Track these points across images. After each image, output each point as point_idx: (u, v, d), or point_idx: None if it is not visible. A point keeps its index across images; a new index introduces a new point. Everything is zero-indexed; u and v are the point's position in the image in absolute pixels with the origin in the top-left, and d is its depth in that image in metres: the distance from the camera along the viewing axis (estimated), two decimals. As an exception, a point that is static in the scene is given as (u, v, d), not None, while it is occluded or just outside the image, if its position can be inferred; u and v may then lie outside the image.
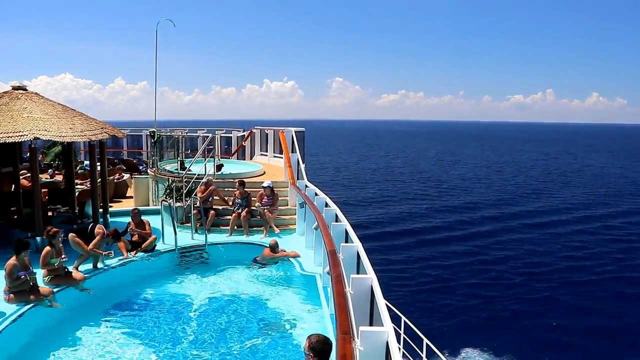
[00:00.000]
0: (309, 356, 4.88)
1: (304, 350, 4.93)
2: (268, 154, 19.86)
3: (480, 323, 18.26)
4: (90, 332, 8.42)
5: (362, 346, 4.13)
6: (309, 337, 4.97)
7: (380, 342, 4.13)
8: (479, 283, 22.43)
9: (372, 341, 4.13)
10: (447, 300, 20.43)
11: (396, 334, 4.55)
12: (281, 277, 11.01)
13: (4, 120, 10.85)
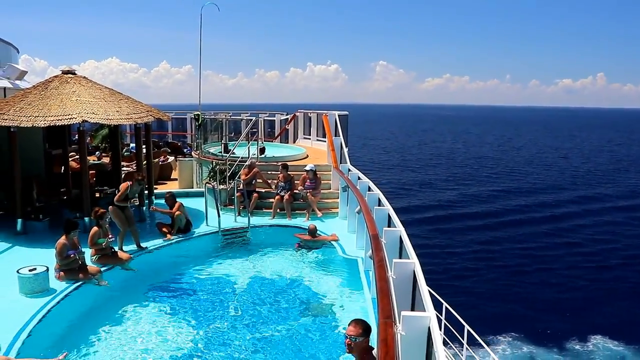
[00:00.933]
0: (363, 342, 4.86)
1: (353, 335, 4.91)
2: (311, 137, 19.85)
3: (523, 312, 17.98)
4: (134, 310, 8.62)
5: (404, 331, 4.09)
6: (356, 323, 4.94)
7: (422, 327, 4.08)
8: (525, 271, 22.01)
9: (413, 326, 4.09)
10: (491, 287, 20.18)
11: (437, 319, 4.49)
12: (323, 261, 11.03)
13: (54, 103, 11.12)
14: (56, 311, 7.76)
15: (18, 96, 11.68)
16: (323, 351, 7.38)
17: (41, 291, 8.20)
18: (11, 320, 7.23)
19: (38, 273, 8.27)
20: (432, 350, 3.87)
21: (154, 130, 17.46)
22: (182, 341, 7.60)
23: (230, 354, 7.29)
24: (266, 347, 7.46)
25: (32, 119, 10.68)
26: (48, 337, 7.16)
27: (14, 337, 6.81)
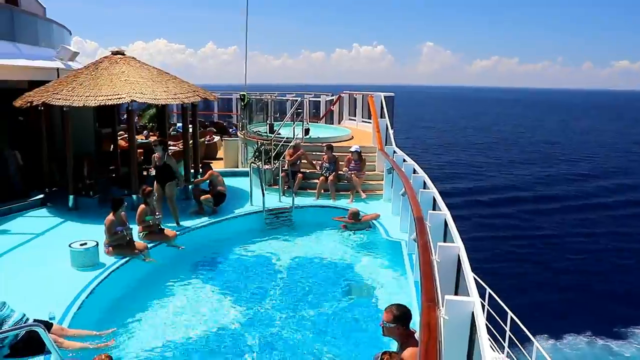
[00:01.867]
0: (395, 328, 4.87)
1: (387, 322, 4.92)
2: (356, 118, 19.74)
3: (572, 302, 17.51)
4: (179, 286, 8.82)
5: (447, 315, 4.05)
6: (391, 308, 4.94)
7: (466, 312, 4.03)
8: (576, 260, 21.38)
9: (457, 310, 4.04)
10: (537, 275, 19.73)
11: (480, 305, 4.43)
12: (366, 243, 11.01)
13: (104, 83, 11.37)
14: (105, 285, 8.00)
15: (70, 77, 12.00)
16: (363, 333, 7.38)
17: (91, 265, 8.47)
18: (64, 292, 7.48)
19: (88, 248, 8.53)
20: (476, 336, 3.82)
21: (200, 110, 17.65)
22: (225, 318, 7.74)
23: (271, 332, 7.37)
24: (307, 327, 7.51)
25: (83, 99, 10.95)
26: (97, 309, 7.40)
27: (67, 308, 7.06)
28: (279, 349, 6.93)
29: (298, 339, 7.21)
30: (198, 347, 6.94)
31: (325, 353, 6.85)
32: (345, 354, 6.85)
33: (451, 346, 4.07)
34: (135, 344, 6.91)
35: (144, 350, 6.77)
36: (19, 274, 8.28)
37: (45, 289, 7.69)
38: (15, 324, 6.00)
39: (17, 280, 7.92)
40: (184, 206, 12.01)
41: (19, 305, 6.30)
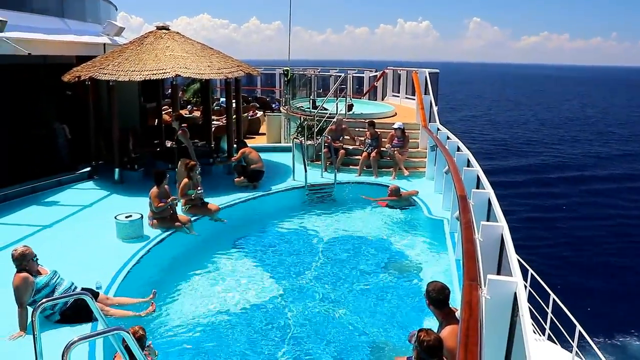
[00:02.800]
0: (427, 304, 4.86)
1: (425, 296, 4.91)
2: (400, 95, 19.50)
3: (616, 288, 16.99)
4: (220, 260, 8.96)
5: (489, 294, 3.98)
6: (428, 285, 4.93)
7: (508, 292, 3.95)
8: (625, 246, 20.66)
9: (499, 290, 3.97)
10: (581, 259, 19.23)
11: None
12: (408, 220, 10.93)
13: (149, 58, 11.49)
14: (149, 256, 8.18)
15: (116, 52, 12.17)
16: (403, 310, 7.38)
17: (136, 237, 8.65)
18: (110, 263, 7.69)
19: (133, 220, 8.71)
20: (517, 317, 3.76)
21: (244, 85, 17.71)
22: (264, 292, 7.83)
23: (310, 307, 7.43)
24: (346, 303, 7.55)
25: (128, 74, 11.11)
26: (141, 280, 7.57)
27: (112, 278, 7.25)
28: (317, 324, 6.98)
29: (337, 314, 7.25)
30: (237, 320, 7.05)
31: (364, 329, 6.88)
32: (384, 331, 6.86)
33: (492, 326, 4.01)
34: (176, 314, 7.07)
35: (184, 322, 6.91)
36: (68, 244, 8.53)
37: (92, 259, 7.91)
38: (64, 292, 6.20)
39: (65, 251, 8.16)
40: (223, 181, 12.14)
41: (67, 275, 6.50)
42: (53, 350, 4.29)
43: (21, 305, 5.92)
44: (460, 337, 3.31)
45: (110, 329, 4.39)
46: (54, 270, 6.37)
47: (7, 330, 5.89)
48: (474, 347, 3.18)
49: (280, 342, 6.53)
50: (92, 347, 5.50)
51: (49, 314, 6.06)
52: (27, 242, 7.65)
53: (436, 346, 4.16)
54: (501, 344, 4.03)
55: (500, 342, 4.03)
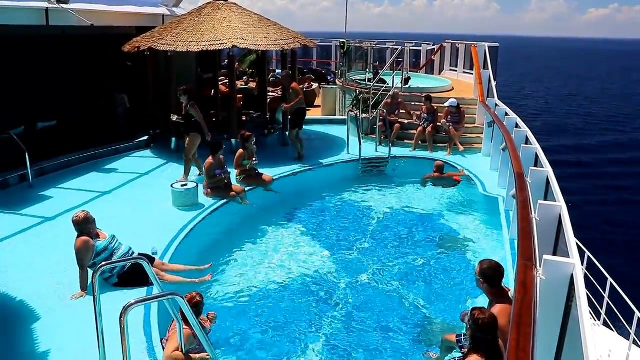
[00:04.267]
0: (479, 281, 4.78)
1: (476, 275, 4.83)
2: (457, 69, 19.07)
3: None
4: (272, 230, 9.07)
5: (544, 275, 3.89)
6: (481, 262, 4.85)
7: (565, 274, 3.85)
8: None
9: (555, 272, 3.87)
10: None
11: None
12: (462, 196, 10.79)
13: (207, 29, 11.58)
14: (203, 225, 8.35)
15: (175, 22, 12.32)
16: (453, 288, 7.32)
17: (191, 205, 8.83)
18: (166, 230, 7.89)
19: (189, 188, 8.89)
20: (574, 300, 3.66)
21: (300, 57, 17.69)
22: (315, 264, 7.90)
23: (361, 280, 7.46)
24: (397, 278, 7.54)
25: (186, 44, 11.23)
26: (194, 248, 7.75)
27: (168, 245, 7.43)
28: (367, 297, 7.01)
29: (387, 288, 7.27)
30: (287, 290, 7.15)
31: (413, 304, 6.86)
32: (434, 307, 6.82)
33: (546, 308, 3.92)
34: (228, 283, 7.22)
35: (236, 290, 7.07)
36: (125, 210, 8.79)
37: (149, 225, 8.13)
38: (122, 256, 6.40)
39: (123, 216, 8.41)
40: (278, 152, 12.22)
41: (125, 239, 6.70)
42: (111, 311, 4.44)
43: (82, 267, 6.16)
44: (513, 317, 3.26)
45: (165, 293, 4.52)
46: (113, 235, 6.58)
47: (69, 290, 6.15)
48: (527, 328, 3.12)
49: (330, 315, 6.59)
50: (147, 311, 5.68)
51: (107, 277, 6.28)
52: (88, 207, 7.93)
53: (492, 324, 4.10)
54: (555, 327, 3.94)
55: (554, 324, 3.95)
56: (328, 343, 5.99)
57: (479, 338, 4.16)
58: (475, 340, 4.22)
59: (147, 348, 5.09)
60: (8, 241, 7.60)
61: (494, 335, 4.13)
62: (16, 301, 6.03)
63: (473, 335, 4.21)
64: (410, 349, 5.95)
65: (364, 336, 6.16)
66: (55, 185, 9.96)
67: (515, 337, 3.05)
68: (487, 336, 4.11)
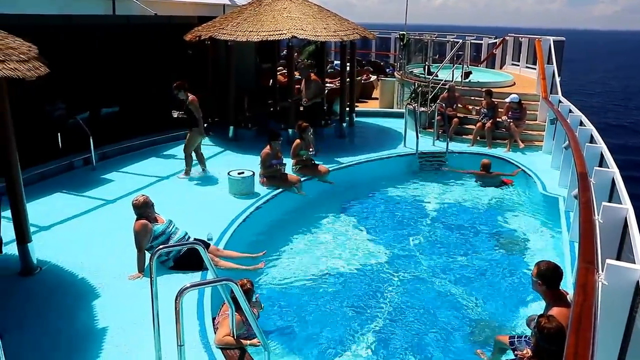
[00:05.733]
0: (536, 283, 4.64)
1: (532, 276, 4.69)
2: (520, 64, 18.57)
3: None
4: (327, 221, 9.09)
5: (606, 280, 3.74)
6: (539, 263, 4.71)
7: (629, 281, 3.68)
8: None
9: (619, 277, 3.70)
10: None
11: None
12: (520, 195, 10.54)
13: (267, 19, 11.67)
14: (258, 213, 8.45)
15: (235, 12, 12.48)
16: (508, 288, 7.15)
17: (247, 193, 8.95)
18: (221, 216, 8.02)
19: (245, 177, 9.01)
20: (639, 310, 3.51)
21: (358, 48, 17.55)
22: (368, 258, 7.86)
23: (413, 275, 7.39)
24: (450, 275, 7.42)
25: (246, 34, 11.35)
26: (249, 236, 7.85)
27: (223, 231, 7.57)
28: (419, 294, 6.93)
29: (440, 285, 7.17)
30: (338, 283, 7.14)
31: (466, 303, 6.74)
32: (487, 307, 6.69)
33: (608, 315, 3.76)
34: (279, 271, 7.28)
35: (287, 279, 7.12)
36: (183, 195, 9.00)
37: (205, 211, 8.29)
38: (179, 240, 6.54)
39: (180, 202, 8.61)
40: (334, 143, 12.22)
41: (181, 224, 6.85)
42: (166, 293, 4.56)
43: (140, 249, 6.34)
44: (572, 321, 3.15)
45: (220, 278, 4.60)
46: (170, 220, 6.73)
47: (127, 271, 6.35)
48: (586, 333, 3.01)
49: (380, 309, 6.55)
50: (200, 295, 5.80)
51: (163, 260, 6.43)
52: (146, 191, 8.15)
53: (557, 335, 3.97)
54: (616, 335, 3.78)
55: (615, 333, 3.78)
56: (378, 337, 5.96)
57: (542, 347, 4.05)
58: (538, 349, 4.11)
59: (200, 331, 5.19)
60: (72, 221, 7.92)
61: (558, 346, 4.01)
62: (78, 278, 6.29)
63: (537, 343, 4.11)
64: (461, 347, 5.86)
65: (415, 332, 6.09)
66: (116, 169, 10.29)
67: (573, 343, 2.95)
68: (551, 346, 4.00)
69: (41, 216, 7.82)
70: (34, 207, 7.67)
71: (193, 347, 4.89)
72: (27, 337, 5.08)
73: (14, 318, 5.30)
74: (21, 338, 4.99)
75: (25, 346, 4.89)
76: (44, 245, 6.88)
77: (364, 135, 13.67)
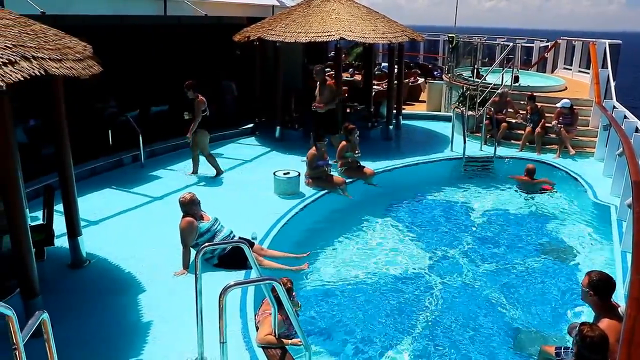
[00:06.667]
0: (587, 293, 4.50)
1: (583, 286, 4.56)
2: (572, 68, 18.10)
3: None
4: (371, 224, 9.02)
5: (661, 293, 3.60)
6: (590, 273, 4.56)
7: (685, 294, 3.54)
8: None
9: (674, 290, 3.57)
10: None
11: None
12: (569, 202, 10.24)
13: (315, 21, 11.72)
14: (302, 214, 8.48)
15: (284, 14, 12.57)
16: (555, 296, 6.98)
17: (292, 194, 8.99)
18: (266, 216, 8.08)
19: (291, 177, 9.06)
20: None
21: (406, 50, 17.43)
22: (410, 262, 7.78)
23: (456, 281, 7.28)
24: (494, 283, 7.28)
25: (295, 35, 11.42)
26: (293, 236, 7.88)
27: (268, 230, 7.63)
28: (461, 300, 6.82)
29: (484, 291, 7.03)
30: (380, 285, 7.10)
31: (510, 311, 6.59)
32: (532, 316, 6.52)
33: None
34: (322, 273, 7.27)
35: (329, 281, 7.10)
36: (229, 194, 9.11)
37: (250, 210, 8.36)
38: (224, 238, 6.62)
39: (227, 200, 8.71)
40: (380, 146, 12.16)
41: (226, 222, 6.92)
42: (210, 290, 4.61)
43: (185, 246, 6.44)
44: (624, 334, 3.05)
45: (264, 278, 4.62)
46: (215, 218, 6.81)
47: (172, 267, 6.46)
48: (638, 349, 2.90)
49: (421, 314, 6.47)
50: (244, 293, 5.85)
51: (208, 257, 6.51)
52: (193, 189, 8.29)
53: (600, 343, 3.85)
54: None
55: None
56: (417, 343, 5.89)
57: (585, 356, 3.93)
58: (579, 357, 4.00)
59: (242, 329, 5.24)
60: (120, 216, 8.13)
61: (601, 355, 3.89)
62: (124, 272, 6.44)
63: (579, 352, 3.99)
64: (504, 357, 5.73)
65: (456, 339, 6.00)
66: (164, 167, 10.50)
67: (625, 356, 2.86)
68: (592, 355, 3.88)
69: (91, 211, 8.05)
70: (84, 202, 7.87)
71: (235, 344, 4.93)
72: (73, 326, 5.23)
73: (63, 307, 5.44)
74: (68, 327, 5.13)
75: (71, 335, 5.03)
76: (93, 239, 7.06)
77: (411, 138, 13.57)
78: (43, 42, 5.02)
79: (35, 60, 4.50)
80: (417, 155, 11.66)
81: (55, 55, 4.87)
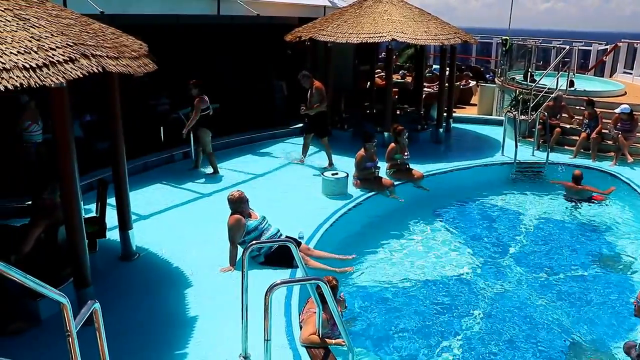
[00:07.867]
0: None
1: (636, 303, 4.38)
2: (633, 72, 17.48)
3: None
4: (418, 227, 8.93)
5: None
6: None
7: None
8: None
9: None
10: None
11: None
12: (626, 211, 9.88)
13: (367, 22, 11.68)
14: (350, 215, 8.44)
15: (336, 14, 12.58)
16: (608, 309, 6.72)
17: (340, 194, 8.96)
18: (313, 216, 8.07)
19: (339, 178, 9.03)
20: None
21: (458, 52, 17.21)
22: (456, 267, 7.67)
23: (504, 290, 7.11)
24: (544, 292, 7.08)
25: (346, 36, 11.42)
26: (340, 237, 7.85)
27: (314, 231, 7.62)
28: (510, 309, 6.66)
29: (533, 302, 6.84)
30: (426, 290, 7.01)
31: (561, 323, 6.38)
32: (584, 329, 6.29)
33: None
34: (367, 275, 7.23)
35: (375, 283, 7.05)
36: (277, 193, 9.14)
37: (297, 210, 8.38)
38: (271, 237, 6.65)
39: (274, 199, 8.74)
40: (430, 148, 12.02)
41: (273, 221, 6.95)
42: (256, 288, 4.62)
43: (232, 243, 6.50)
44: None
45: (310, 277, 4.62)
46: (263, 216, 6.85)
47: (219, 263, 6.54)
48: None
49: (466, 321, 6.34)
50: (289, 292, 5.85)
51: (254, 255, 6.54)
52: (242, 187, 8.39)
53: None
54: None
55: None
56: (461, 351, 5.78)
57: None
58: None
59: (286, 328, 5.23)
60: (170, 211, 8.29)
61: None
62: (172, 266, 6.55)
63: None
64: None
65: (502, 351, 5.84)
66: (217, 164, 10.62)
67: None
68: None
69: (142, 205, 8.23)
70: (135, 196, 8.00)
71: (279, 343, 4.93)
72: (121, 318, 5.33)
73: (112, 299, 5.56)
74: (117, 319, 5.21)
75: (118, 326, 5.11)
76: (143, 233, 7.21)
77: (461, 142, 13.37)
78: (101, 40, 5.16)
79: (94, 57, 4.63)
80: (467, 159, 11.47)
81: (113, 53, 4.99)
